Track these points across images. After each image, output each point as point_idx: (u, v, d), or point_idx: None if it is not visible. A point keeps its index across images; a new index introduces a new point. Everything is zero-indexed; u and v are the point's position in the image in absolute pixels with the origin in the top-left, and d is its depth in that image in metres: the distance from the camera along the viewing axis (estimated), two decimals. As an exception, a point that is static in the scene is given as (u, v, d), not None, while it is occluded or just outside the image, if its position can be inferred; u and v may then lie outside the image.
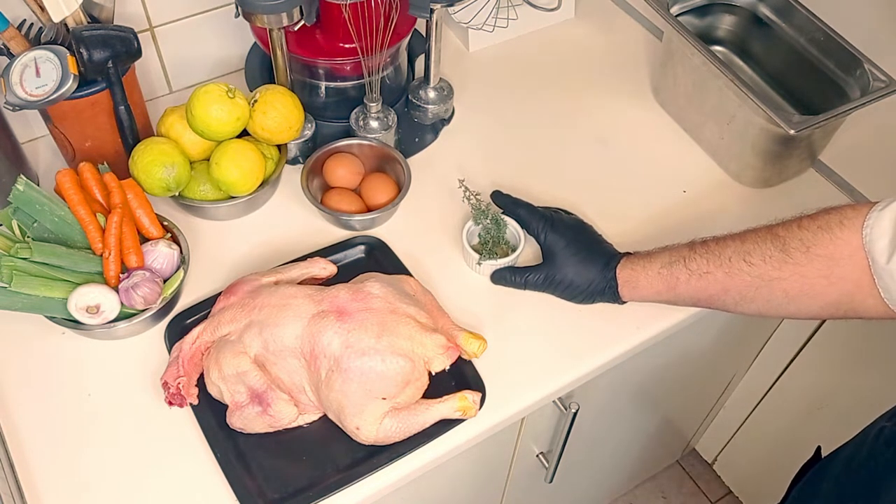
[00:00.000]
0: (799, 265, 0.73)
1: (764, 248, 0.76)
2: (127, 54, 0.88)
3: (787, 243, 0.74)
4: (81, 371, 0.85)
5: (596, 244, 0.89)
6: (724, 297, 0.79)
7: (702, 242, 0.82)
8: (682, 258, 0.81)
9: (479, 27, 1.10)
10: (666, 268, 0.82)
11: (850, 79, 1.00)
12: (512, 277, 0.90)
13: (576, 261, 0.87)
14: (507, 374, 0.86)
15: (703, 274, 0.79)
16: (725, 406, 1.50)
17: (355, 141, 1.01)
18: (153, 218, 0.89)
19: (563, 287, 0.88)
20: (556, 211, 0.94)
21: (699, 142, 1.09)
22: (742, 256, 0.77)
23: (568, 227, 0.90)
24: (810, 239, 0.73)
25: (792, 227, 0.75)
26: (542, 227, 0.89)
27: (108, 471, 0.78)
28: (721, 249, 0.79)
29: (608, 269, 0.86)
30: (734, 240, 0.79)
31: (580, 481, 1.40)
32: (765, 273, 0.75)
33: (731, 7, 1.12)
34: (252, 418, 0.79)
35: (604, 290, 0.86)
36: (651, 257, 0.84)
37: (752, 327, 1.24)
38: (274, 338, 0.78)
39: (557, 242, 0.88)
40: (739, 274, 0.77)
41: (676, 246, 0.84)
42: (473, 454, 0.89)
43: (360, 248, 0.95)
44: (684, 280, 0.80)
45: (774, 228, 0.77)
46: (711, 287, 0.79)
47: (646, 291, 0.84)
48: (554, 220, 0.90)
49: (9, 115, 0.94)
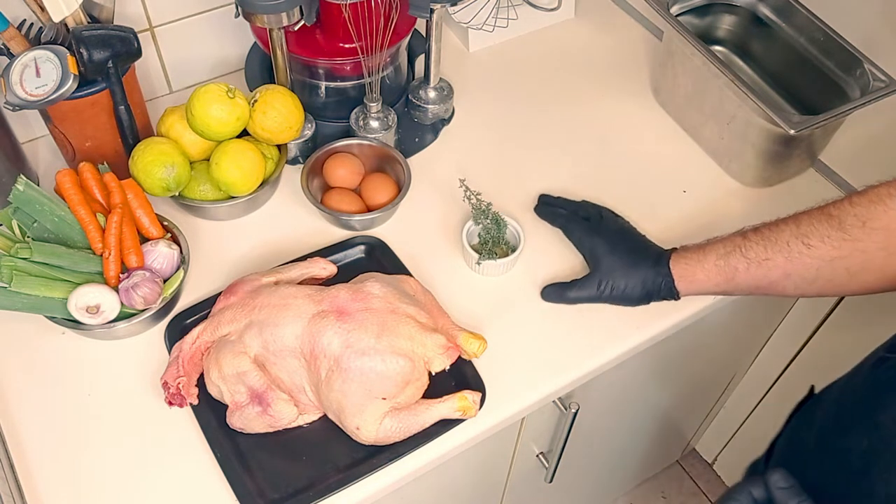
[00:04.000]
0: (858, 241, 0.74)
1: (821, 229, 0.76)
2: (127, 54, 0.88)
3: (843, 221, 0.75)
4: (81, 371, 0.85)
5: (640, 244, 0.89)
6: (784, 283, 0.80)
7: (754, 230, 0.82)
8: (737, 247, 0.81)
9: (479, 27, 1.10)
10: (723, 259, 0.82)
11: (850, 79, 1.00)
12: (562, 294, 0.89)
13: (624, 264, 0.86)
14: (507, 374, 0.86)
15: (762, 261, 0.79)
16: (725, 406, 1.50)
17: (355, 141, 1.01)
18: (153, 218, 0.89)
19: (616, 294, 0.87)
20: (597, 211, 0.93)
21: (699, 142, 1.09)
22: (800, 239, 0.77)
23: (609, 232, 0.89)
24: (864, 213, 0.74)
25: (844, 205, 0.76)
26: (582, 236, 0.89)
27: (108, 470, 0.78)
28: (777, 235, 0.79)
29: (660, 265, 0.85)
30: (787, 224, 0.79)
31: (580, 481, 1.41)
32: (825, 253, 0.76)
33: (731, 7, 1.12)
34: (252, 418, 0.79)
35: (660, 287, 0.85)
36: (704, 250, 0.84)
37: (752, 327, 1.25)
38: (274, 338, 0.78)
39: (600, 248, 0.88)
40: (800, 257, 0.77)
41: (728, 236, 0.84)
42: (473, 454, 0.89)
43: (360, 248, 0.95)
44: (743, 269, 0.80)
45: (826, 208, 0.77)
46: (772, 273, 0.79)
47: (704, 284, 0.84)
48: (593, 226, 0.90)
49: (9, 115, 0.94)
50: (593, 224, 0.91)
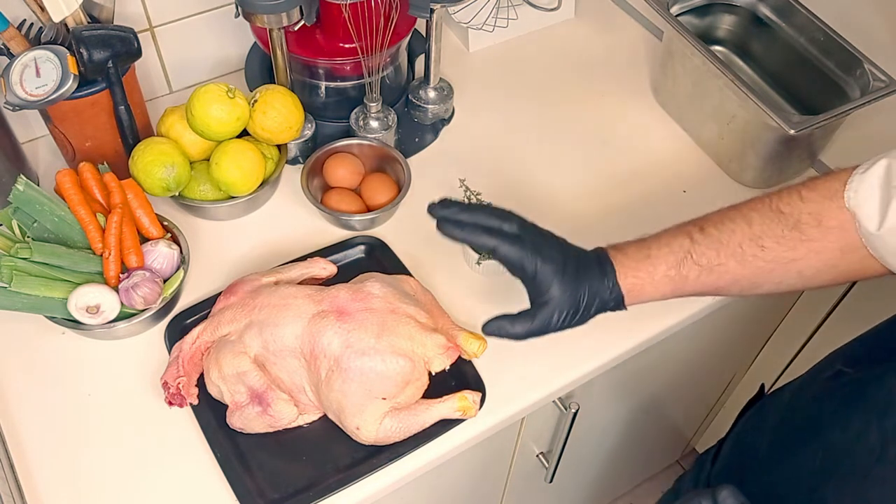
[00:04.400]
0: (814, 241, 0.68)
1: (774, 229, 0.70)
2: (127, 54, 0.88)
3: (798, 219, 0.69)
4: (81, 371, 0.85)
5: (577, 255, 0.75)
6: (730, 288, 0.73)
7: (699, 229, 0.73)
8: (687, 254, 0.72)
9: (479, 27, 1.10)
10: (674, 269, 0.72)
11: (850, 79, 1.00)
12: (511, 329, 0.73)
13: (573, 286, 0.72)
14: (507, 374, 0.86)
15: (713, 267, 0.71)
16: (725, 406, 1.50)
17: (355, 141, 1.01)
18: (153, 218, 0.89)
19: (568, 320, 0.74)
20: (514, 220, 0.75)
21: (699, 142, 1.09)
22: (754, 241, 0.70)
23: (550, 248, 0.74)
24: (819, 211, 0.68)
25: (794, 201, 0.70)
26: (530, 261, 0.72)
27: (108, 470, 0.78)
28: (728, 237, 0.71)
29: (607, 279, 0.73)
30: (737, 223, 0.72)
31: (580, 481, 1.41)
32: (780, 255, 0.70)
33: (731, 7, 1.12)
34: (252, 418, 0.79)
35: (607, 304, 0.74)
36: (651, 258, 0.73)
37: (752, 327, 1.25)
38: (274, 338, 0.78)
39: (550, 274, 0.72)
40: (753, 260, 0.70)
41: (671, 236, 0.74)
42: (473, 454, 0.89)
43: (360, 248, 0.95)
44: (694, 277, 0.72)
45: (774, 204, 0.70)
46: (722, 279, 0.72)
47: (651, 296, 0.74)
48: (532, 246, 0.73)
49: (9, 115, 0.94)
50: (528, 243, 0.73)
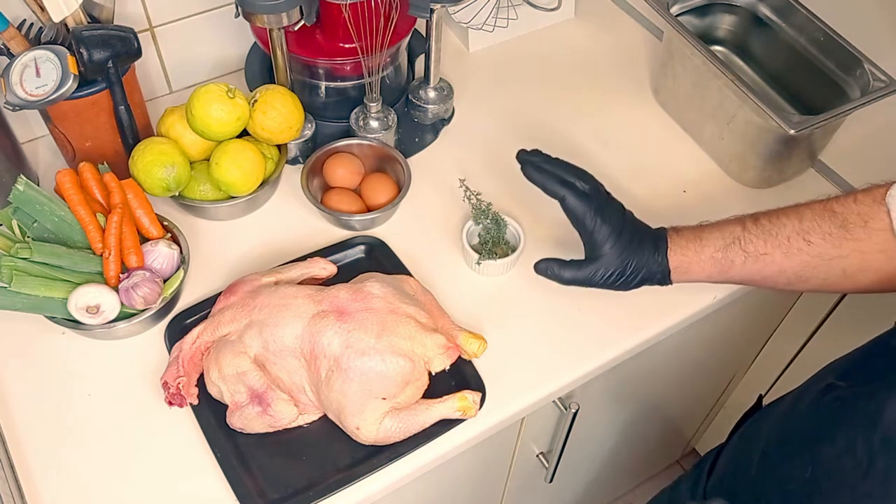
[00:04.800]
0: (859, 241, 0.73)
1: (822, 226, 0.74)
2: (127, 54, 0.88)
3: (846, 219, 0.73)
4: (81, 371, 0.85)
5: (640, 229, 0.83)
6: (776, 278, 0.78)
7: (754, 220, 0.79)
8: (736, 240, 0.78)
9: (479, 27, 1.10)
10: (721, 251, 0.78)
11: (850, 79, 1.00)
12: (558, 274, 0.83)
13: (626, 252, 0.81)
14: (507, 374, 0.86)
15: (759, 256, 0.77)
16: (725, 406, 1.50)
17: (355, 141, 1.01)
18: (153, 218, 0.89)
19: (612, 280, 0.82)
20: (593, 183, 0.84)
21: (699, 142, 1.09)
22: (801, 236, 0.75)
23: (613, 214, 0.82)
24: (868, 213, 0.72)
25: (848, 203, 0.74)
26: (591, 218, 0.80)
27: (108, 470, 0.78)
28: (778, 229, 0.76)
29: (658, 254, 0.81)
30: (790, 217, 0.76)
31: (580, 481, 1.41)
32: (824, 252, 0.74)
33: (731, 7, 1.12)
34: (252, 418, 0.79)
35: (653, 276, 0.82)
36: (702, 240, 0.80)
37: (752, 327, 1.25)
38: (274, 338, 0.78)
39: (607, 234, 0.80)
40: (798, 254, 0.75)
41: (726, 223, 0.80)
42: (473, 454, 0.89)
43: (360, 248, 0.95)
44: (740, 263, 0.78)
45: (829, 204, 0.75)
46: (768, 268, 0.77)
47: (698, 275, 0.81)
48: (599, 207, 0.81)
49: (9, 115, 0.94)
50: (595, 202, 0.81)
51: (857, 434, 0.60)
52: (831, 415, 0.65)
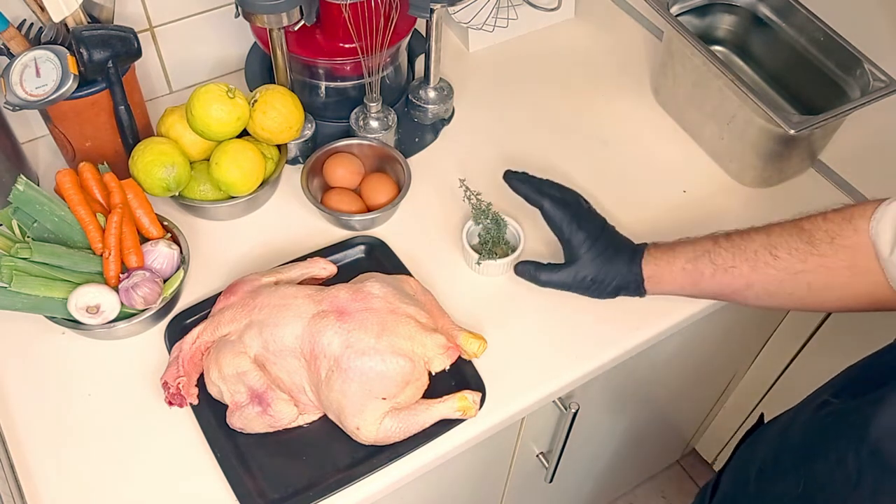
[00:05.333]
0: (824, 256, 0.74)
1: (790, 241, 0.76)
2: (127, 54, 0.88)
3: (812, 235, 0.75)
4: (81, 371, 0.85)
5: (618, 238, 0.88)
6: (745, 292, 0.80)
7: (725, 236, 0.81)
8: (706, 252, 0.81)
9: (479, 27, 1.10)
10: (691, 263, 0.81)
11: (850, 79, 1.00)
12: (535, 276, 0.88)
13: (602, 258, 0.85)
14: (507, 374, 0.86)
15: (728, 268, 0.79)
16: (725, 406, 1.50)
17: (355, 141, 1.01)
18: (153, 218, 0.89)
19: (586, 285, 0.86)
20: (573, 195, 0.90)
21: (699, 142, 1.09)
22: (768, 250, 0.77)
23: (591, 222, 0.87)
24: (835, 230, 0.74)
25: (817, 220, 0.76)
26: (569, 222, 0.86)
27: (108, 470, 0.78)
28: (746, 243, 0.79)
29: (633, 263, 0.84)
30: (759, 233, 0.79)
31: (580, 481, 1.41)
32: (790, 266, 0.76)
33: (731, 7, 1.12)
34: (252, 418, 0.79)
35: (628, 284, 0.85)
36: (674, 252, 0.83)
37: (752, 327, 1.25)
38: (274, 338, 0.78)
39: (580, 237, 0.85)
40: (765, 268, 0.77)
41: (699, 238, 0.83)
42: (473, 454, 0.89)
43: (360, 248, 0.95)
44: (709, 275, 0.80)
45: (799, 222, 0.77)
46: (736, 282, 0.79)
47: (669, 286, 0.84)
48: (577, 215, 0.87)
49: (9, 115, 0.94)
50: (573, 210, 0.87)
51: (848, 448, 0.61)
52: (823, 430, 0.66)
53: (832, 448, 0.63)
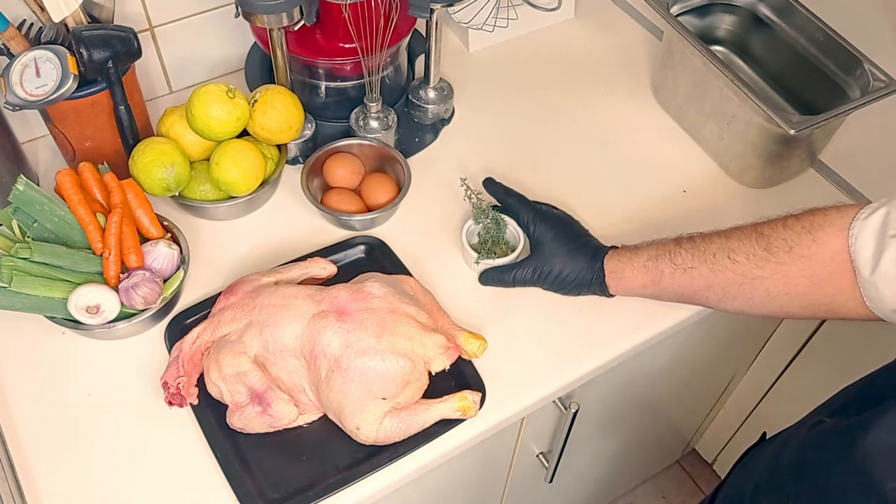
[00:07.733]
0: (782, 264, 0.74)
1: (748, 246, 0.76)
2: (127, 54, 0.88)
3: (770, 242, 0.75)
4: (81, 371, 0.85)
5: (583, 236, 0.90)
6: (706, 293, 0.80)
7: (688, 238, 0.82)
8: (667, 252, 0.82)
9: (479, 27, 1.10)
10: (651, 261, 0.82)
11: (850, 79, 1.00)
12: (500, 277, 0.90)
13: (564, 252, 0.87)
14: (507, 374, 0.86)
15: (687, 269, 0.80)
16: (725, 406, 1.50)
17: (355, 141, 1.01)
18: (153, 218, 0.89)
19: (551, 279, 0.88)
20: (546, 204, 0.94)
21: (699, 142, 1.09)
22: (726, 253, 0.78)
23: (556, 219, 0.90)
24: (794, 239, 0.74)
25: (777, 227, 0.76)
26: (532, 218, 0.90)
27: (108, 470, 0.78)
28: (706, 245, 0.80)
29: (596, 259, 0.86)
30: (720, 236, 0.80)
31: (580, 481, 1.41)
32: (748, 271, 0.76)
33: (731, 7, 1.12)
34: (252, 418, 0.79)
35: (591, 281, 0.86)
36: (637, 250, 0.85)
37: (752, 328, 1.25)
38: (274, 338, 0.78)
39: (546, 234, 0.88)
40: (723, 271, 0.78)
41: (663, 240, 0.84)
42: (473, 454, 0.89)
43: (360, 248, 0.95)
44: (668, 274, 0.81)
45: (760, 227, 0.77)
46: (695, 282, 0.80)
47: (631, 283, 0.85)
48: (543, 211, 0.91)
49: (9, 115, 0.94)
50: (539, 209, 0.91)
51: (837, 468, 0.61)
52: (815, 449, 0.66)
53: (822, 467, 0.63)
